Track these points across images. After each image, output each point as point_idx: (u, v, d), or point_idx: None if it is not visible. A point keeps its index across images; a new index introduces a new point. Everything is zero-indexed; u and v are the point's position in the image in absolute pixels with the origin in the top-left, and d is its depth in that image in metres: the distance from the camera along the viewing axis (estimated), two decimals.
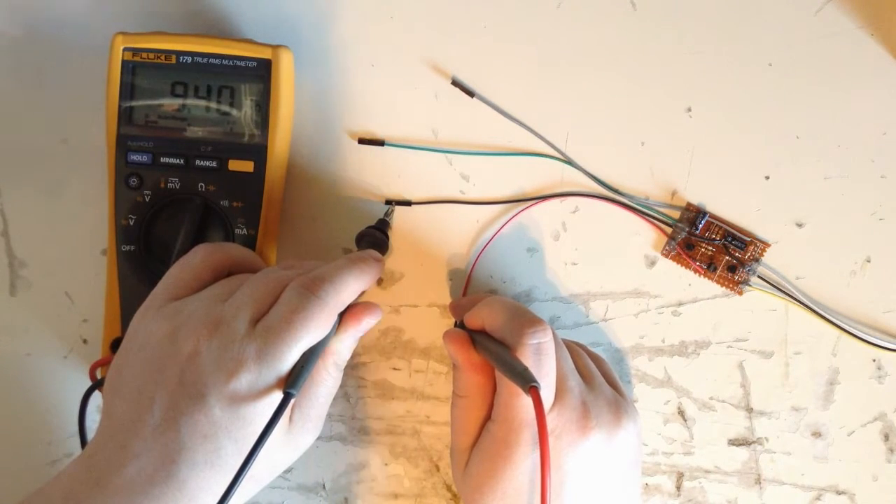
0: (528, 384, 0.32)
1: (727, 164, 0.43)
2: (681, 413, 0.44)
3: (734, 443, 0.44)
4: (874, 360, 0.43)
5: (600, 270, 0.44)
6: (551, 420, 0.35)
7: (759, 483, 0.44)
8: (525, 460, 0.35)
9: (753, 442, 0.44)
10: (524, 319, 0.36)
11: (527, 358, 0.35)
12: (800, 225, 0.43)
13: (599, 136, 0.44)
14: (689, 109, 0.44)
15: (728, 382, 0.44)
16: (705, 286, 0.44)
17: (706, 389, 0.44)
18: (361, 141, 0.44)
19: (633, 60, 0.44)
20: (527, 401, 0.34)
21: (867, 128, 0.43)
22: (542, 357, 0.35)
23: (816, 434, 0.43)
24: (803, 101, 0.43)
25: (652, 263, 0.44)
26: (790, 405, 0.43)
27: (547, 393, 0.35)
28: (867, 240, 0.43)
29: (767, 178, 0.43)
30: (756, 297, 0.43)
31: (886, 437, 0.43)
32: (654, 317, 0.44)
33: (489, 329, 0.37)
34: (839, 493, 0.43)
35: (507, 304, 0.37)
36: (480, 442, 0.37)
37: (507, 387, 0.35)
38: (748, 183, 0.43)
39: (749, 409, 0.43)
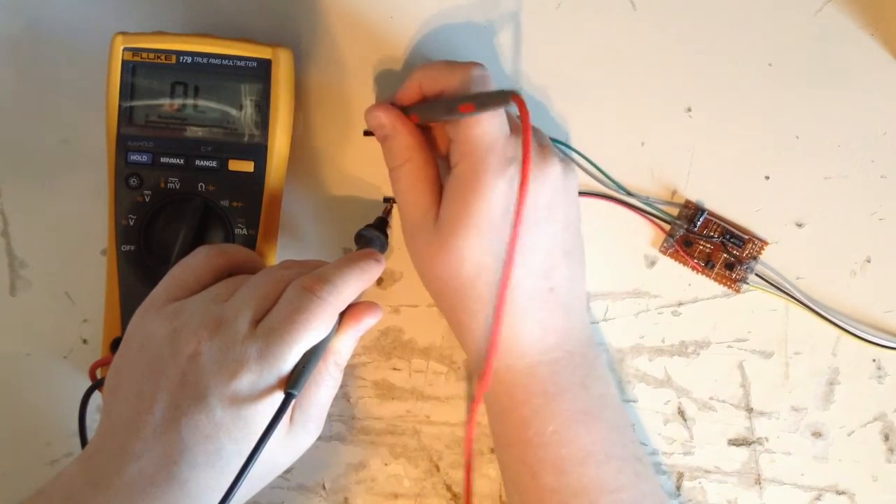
0: (509, 93, 0.33)
1: (727, 164, 0.43)
2: (681, 413, 0.44)
3: (734, 443, 0.44)
4: (874, 360, 0.43)
5: (600, 270, 0.44)
6: (511, 147, 0.36)
7: (759, 483, 0.44)
8: (497, 184, 0.36)
9: (753, 442, 0.44)
10: (460, 64, 0.37)
11: (482, 88, 0.36)
12: (800, 225, 0.43)
13: (599, 136, 0.44)
14: (689, 109, 0.44)
15: (728, 382, 0.44)
16: (705, 286, 0.44)
17: (706, 389, 0.44)
18: (367, 133, 0.42)
19: (633, 60, 0.44)
20: (487, 126, 0.36)
21: (867, 128, 0.43)
22: (491, 85, 0.37)
23: (816, 434, 0.43)
24: (803, 101, 0.43)
25: (652, 263, 0.44)
26: (790, 405, 0.43)
27: (503, 119, 0.37)
28: (867, 240, 0.43)
29: (767, 178, 0.43)
30: (756, 297, 0.43)
31: (886, 437, 0.43)
32: (654, 317, 0.44)
33: (429, 89, 0.38)
34: (839, 493, 0.43)
35: (439, 61, 0.38)
36: (446, 191, 0.37)
37: (463, 126, 0.36)
38: (748, 183, 0.43)
39: (749, 409, 0.44)
